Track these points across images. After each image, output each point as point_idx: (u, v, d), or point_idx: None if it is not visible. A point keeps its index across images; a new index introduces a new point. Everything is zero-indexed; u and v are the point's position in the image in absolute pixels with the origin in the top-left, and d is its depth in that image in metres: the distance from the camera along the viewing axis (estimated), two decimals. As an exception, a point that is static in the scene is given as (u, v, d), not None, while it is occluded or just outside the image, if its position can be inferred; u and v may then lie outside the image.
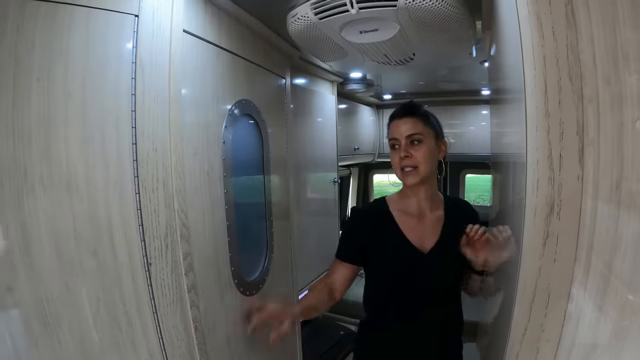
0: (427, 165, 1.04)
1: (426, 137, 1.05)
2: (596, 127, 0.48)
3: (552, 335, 0.53)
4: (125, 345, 0.77)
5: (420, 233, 1.08)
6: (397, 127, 1.07)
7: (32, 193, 0.67)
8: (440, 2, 0.97)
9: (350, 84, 1.89)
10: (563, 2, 0.48)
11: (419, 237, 1.07)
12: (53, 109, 0.69)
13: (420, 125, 1.06)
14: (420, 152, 1.03)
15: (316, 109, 1.75)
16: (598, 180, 0.48)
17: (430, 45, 1.25)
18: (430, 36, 1.15)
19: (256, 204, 1.21)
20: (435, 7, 0.97)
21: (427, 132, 1.06)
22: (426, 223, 1.09)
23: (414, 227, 1.08)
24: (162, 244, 0.82)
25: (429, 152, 1.05)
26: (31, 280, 0.67)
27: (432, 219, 1.10)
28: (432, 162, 1.06)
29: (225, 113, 1.04)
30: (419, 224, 1.09)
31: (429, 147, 1.05)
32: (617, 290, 0.47)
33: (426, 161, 1.04)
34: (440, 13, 1.00)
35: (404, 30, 1.11)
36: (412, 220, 1.10)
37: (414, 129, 1.04)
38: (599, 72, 0.47)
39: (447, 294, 1.07)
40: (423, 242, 1.06)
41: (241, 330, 1.08)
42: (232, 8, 1.04)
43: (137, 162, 0.78)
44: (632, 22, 0.46)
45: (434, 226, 1.09)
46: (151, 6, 0.80)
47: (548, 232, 0.51)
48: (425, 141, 1.05)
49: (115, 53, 0.76)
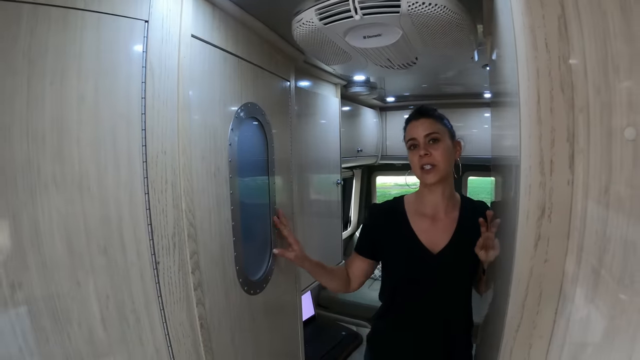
0: (446, 164, 1.08)
1: (443, 136, 1.10)
2: (586, 134, 0.50)
3: (544, 331, 0.55)
4: (133, 341, 0.79)
5: (433, 234, 1.11)
6: (415, 127, 1.11)
7: (45, 191, 0.69)
8: (442, 8, 0.99)
9: (353, 86, 1.91)
10: (556, 15, 0.50)
11: (430, 239, 1.10)
12: (66, 111, 0.71)
13: (437, 125, 1.10)
14: (439, 151, 1.08)
15: (320, 111, 1.77)
16: (588, 185, 0.50)
17: (433, 50, 1.27)
18: (432, 41, 1.17)
19: (261, 205, 1.23)
20: (437, 13, 0.99)
21: (443, 132, 1.10)
22: (439, 224, 1.12)
23: (426, 229, 1.12)
24: (170, 243, 0.85)
25: (447, 150, 1.09)
26: (42, 277, 0.68)
27: (446, 220, 1.12)
28: (449, 161, 1.10)
29: (231, 116, 1.06)
30: (432, 225, 1.12)
31: (446, 146, 1.09)
32: (608, 288, 0.49)
33: (445, 159, 1.08)
34: (442, 19, 1.02)
35: (407, 36, 1.14)
36: (425, 221, 1.13)
37: (432, 128, 1.09)
38: (589, 82, 0.49)
39: (452, 293, 1.09)
40: (434, 243, 1.09)
41: (246, 329, 1.11)
42: (238, 13, 1.06)
43: (147, 163, 0.81)
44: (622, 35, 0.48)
45: (448, 227, 1.11)
46: (161, 12, 0.82)
47: (540, 234, 0.53)
48: (443, 140, 1.09)
49: (126, 57, 0.78)
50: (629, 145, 0.48)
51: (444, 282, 1.07)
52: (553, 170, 0.52)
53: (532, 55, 0.51)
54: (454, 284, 1.09)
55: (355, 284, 1.22)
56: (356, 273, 1.21)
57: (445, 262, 1.06)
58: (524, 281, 0.56)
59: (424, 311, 1.09)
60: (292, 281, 1.43)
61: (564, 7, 0.50)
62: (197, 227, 0.92)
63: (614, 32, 0.48)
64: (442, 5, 0.99)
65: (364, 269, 1.21)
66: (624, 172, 0.48)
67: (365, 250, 1.20)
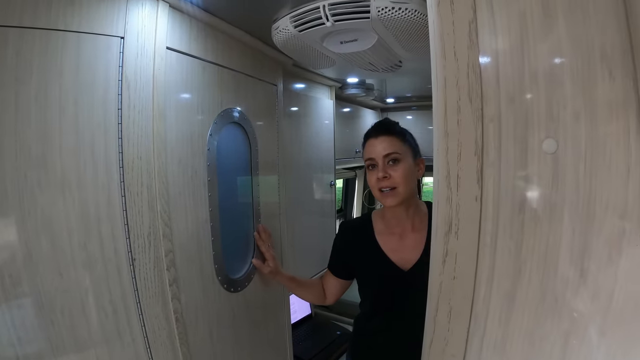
0: (407, 186, 1.01)
1: (404, 156, 1.02)
2: (497, 147, 0.47)
3: (456, 350, 0.53)
4: (111, 330, 0.86)
5: (402, 252, 1.07)
6: (373, 146, 1.04)
7: (31, 194, 0.76)
8: (413, 12, 1.00)
9: (348, 88, 1.92)
10: (467, 21, 0.48)
11: (400, 256, 1.06)
12: (49, 123, 0.78)
13: (398, 144, 1.03)
14: (399, 172, 1.00)
15: (312, 113, 1.80)
16: (499, 201, 0.48)
17: (415, 52, 1.27)
18: (411, 44, 1.18)
19: (243, 206, 1.28)
20: (409, 17, 1.00)
21: (404, 151, 1.03)
22: (408, 242, 1.08)
23: (395, 247, 1.07)
24: (146, 242, 0.91)
25: (408, 171, 1.02)
26: (30, 269, 0.76)
27: (414, 236, 1.08)
28: (411, 182, 1.03)
29: (210, 122, 1.12)
30: (400, 243, 1.08)
31: (407, 167, 1.02)
32: (524, 313, 0.46)
33: (405, 181, 1.01)
34: (414, 22, 1.02)
35: (383, 39, 1.15)
36: (393, 240, 1.09)
37: (392, 148, 1.01)
38: (502, 91, 0.47)
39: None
40: (405, 260, 1.05)
41: (226, 325, 1.16)
42: (217, 22, 1.11)
43: (123, 168, 0.87)
44: (543, 38, 0.44)
45: (417, 243, 1.06)
46: (136, 28, 0.89)
47: (447, 250, 0.52)
48: (403, 160, 1.02)
49: (103, 72, 0.84)
50: (548, 159, 0.45)
51: (417, 295, 1.05)
52: (460, 185, 0.49)
53: (442, 65, 0.49)
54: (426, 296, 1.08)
55: (331, 299, 1.21)
56: (332, 290, 1.20)
57: (416, 278, 1.02)
58: (434, 296, 0.54)
59: (401, 318, 1.08)
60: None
61: (476, 10, 0.47)
62: (173, 228, 0.98)
63: (534, 36, 0.45)
64: (412, 9, 0.99)
65: (338, 287, 1.19)
66: (541, 188, 0.45)
67: (338, 271, 1.18)
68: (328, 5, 1.01)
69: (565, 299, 0.45)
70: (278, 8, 1.09)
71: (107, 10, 0.85)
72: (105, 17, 0.84)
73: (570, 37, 0.43)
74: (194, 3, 1.02)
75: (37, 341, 0.77)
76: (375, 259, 1.08)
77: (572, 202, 0.45)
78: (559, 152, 0.45)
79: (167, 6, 0.96)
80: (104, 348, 0.85)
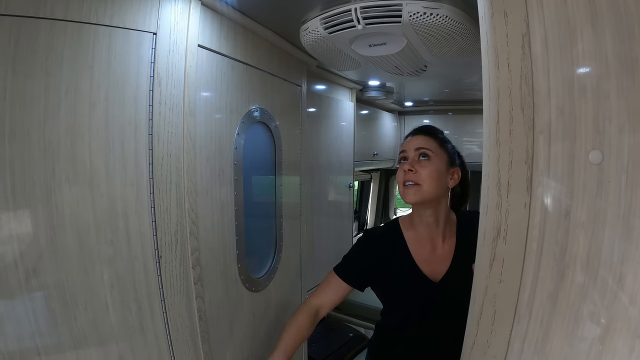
0: (432, 186, 0.98)
1: (436, 155, 1.00)
2: (547, 156, 0.49)
3: (498, 352, 0.54)
4: (134, 327, 0.86)
5: (433, 263, 1.04)
6: (409, 142, 1.04)
7: (59, 189, 0.76)
8: (444, 18, 0.99)
9: (369, 91, 1.91)
10: (520, 34, 0.49)
11: (431, 267, 1.03)
12: (79, 118, 0.78)
13: (433, 144, 1.01)
14: (427, 170, 0.97)
15: (333, 115, 1.79)
16: (546, 208, 0.49)
17: (441, 57, 1.26)
18: (439, 49, 1.16)
19: (266, 206, 1.28)
20: (440, 23, 0.99)
21: (438, 153, 1.01)
22: (438, 252, 1.05)
23: (427, 259, 1.04)
24: (173, 239, 0.91)
25: (437, 172, 0.98)
26: (54, 264, 0.75)
27: (445, 247, 1.05)
28: (438, 184, 0.99)
29: (238, 120, 1.11)
30: (432, 254, 1.05)
31: (437, 167, 0.99)
32: (565, 316, 0.48)
33: (431, 180, 0.97)
34: (445, 28, 1.01)
35: (412, 44, 1.14)
36: (426, 251, 1.05)
37: (425, 144, 1.01)
38: (552, 103, 0.48)
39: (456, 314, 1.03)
40: (435, 272, 1.03)
41: (245, 325, 1.16)
42: (247, 22, 1.11)
43: (153, 165, 0.87)
44: (591, 54, 0.46)
45: (447, 254, 1.04)
46: (168, 24, 0.88)
47: (495, 254, 0.53)
48: (434, 160, 0.99)
49: (134, 68, 0.84)
50: (593, 169, 0.46)
51: (447, 307, 0.99)
52: (510, 192, 0.51)
53: (495, 75, 0.51)
54: (457, 306, 1.05)
55: (324, 311, 1.11)
56: (334, 299, 1.10)
57: (447, 290, 1.01)
58: (479, 299, 0.55)
59: (428, 332, 1.04)
60: (297, 281, 1.47)
61: (529, 24, 0.49)
62: (200, 226, 0.98)
63: (583, 50, 0.47)
64: (444, 15, 0.98)
65: (341, 294, 1.10)
66: (586, 197, 0.46)
67: (354, 279, 1.09)
68: (360, 8, 1.00)
69: (604, 303, 0.46)
70: (309, 9, 1.09)
71: (140, 5, 0.84)
72: (138, 12, 0.84)
73: (616, 52, 0.45)
74: (227, 2, 1.02)
75: (58, 335, 0.76)
76: (406, 270, 1.04)
77: (614, 211, 0.46)
78: (604, 163, 0.46)
79: (199, 4, 0.96)
80: (126, 344, 0.85)
